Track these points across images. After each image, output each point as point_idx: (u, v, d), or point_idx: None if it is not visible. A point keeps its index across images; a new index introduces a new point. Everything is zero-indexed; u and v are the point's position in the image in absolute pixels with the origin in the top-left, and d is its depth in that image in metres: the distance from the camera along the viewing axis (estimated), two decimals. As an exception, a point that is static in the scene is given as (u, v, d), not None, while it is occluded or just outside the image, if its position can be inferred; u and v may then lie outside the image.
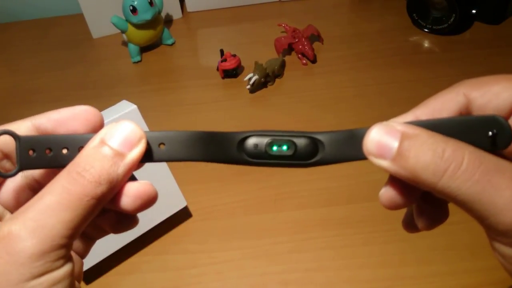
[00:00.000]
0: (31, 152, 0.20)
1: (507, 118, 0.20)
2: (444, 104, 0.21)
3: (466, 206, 0.18)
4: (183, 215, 0.48)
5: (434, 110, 0.21)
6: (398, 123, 0.19)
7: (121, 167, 0.20)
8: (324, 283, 0.40)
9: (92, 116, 0.21)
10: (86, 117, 0.21)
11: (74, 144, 0.20)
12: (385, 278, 0.40)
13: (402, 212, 0.47)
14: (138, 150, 0.20)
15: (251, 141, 0.21)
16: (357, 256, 0.42)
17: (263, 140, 0.21)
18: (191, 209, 0.49)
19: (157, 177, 0.44)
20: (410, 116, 0.21)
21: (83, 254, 0.24)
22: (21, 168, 0.20)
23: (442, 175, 0.18)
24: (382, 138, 0.19)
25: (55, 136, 0.21)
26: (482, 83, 0.21)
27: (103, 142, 0.19)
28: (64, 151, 0.20)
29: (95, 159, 0.19)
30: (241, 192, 0.50)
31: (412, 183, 0.19)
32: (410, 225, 0.25)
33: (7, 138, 0.20)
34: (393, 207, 0.22)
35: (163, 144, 0.21)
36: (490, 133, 0.19)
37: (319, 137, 0.21)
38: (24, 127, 0.21)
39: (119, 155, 0.19)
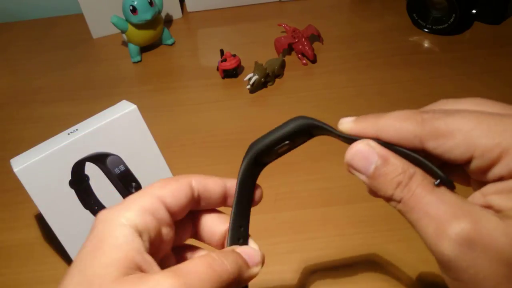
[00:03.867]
0: None
1: (457, 164, 0.22)
2: (400, 141, 0.23)
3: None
4: (183, 215, 0.48)
5: (393, 141, 0.23)
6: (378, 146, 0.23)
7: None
8: (323, 283, 0.40)
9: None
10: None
11: None
12: (384, 278, 0.40)
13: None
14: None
15: None
16: (357, 256, 0.42)
17: None
18: (191, 209, 0.49)
19: (157, 177, 0.44)
20: (372, 130, 0.24)
21: None
22: None
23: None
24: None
25: None
26: (439, 132, 0.21)
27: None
28: None
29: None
30: (241, 192, 0.50)
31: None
32: None
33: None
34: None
35: None
36: (436, 182, 0.22)
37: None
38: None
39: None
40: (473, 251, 0.19)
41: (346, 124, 0.25)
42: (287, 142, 0.26)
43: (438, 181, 0.22)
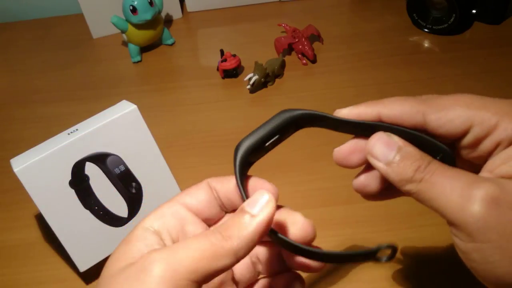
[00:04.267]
0: None
1: (456, 139, 0.24)
2: (402, 116, 0.25)
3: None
4: (183, 215, 0.48)
5: (395, 117, 0.25)
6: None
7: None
8: (323, 283, 0.40)
9: None
10: None
11: None
12: (384, 278, 0.40)
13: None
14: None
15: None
16: (357, 256, 0.42)
17: None
18: (191, 209, 0.49)
19: (157, 177, 0.44)
20: (373, 110, 0.26)
21: None
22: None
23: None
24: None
25: None
26: (440, 106, 0.24)
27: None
28: None
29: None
30: (241, 192, 0.50)
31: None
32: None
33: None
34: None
35: None
36: (438, 157, 0.24)
37: None
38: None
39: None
40: (501, 208, 0.21)
41: (344, 110, 0.27)
42: (276, 136, 0.27)
43: (440, 155, 0.24)
